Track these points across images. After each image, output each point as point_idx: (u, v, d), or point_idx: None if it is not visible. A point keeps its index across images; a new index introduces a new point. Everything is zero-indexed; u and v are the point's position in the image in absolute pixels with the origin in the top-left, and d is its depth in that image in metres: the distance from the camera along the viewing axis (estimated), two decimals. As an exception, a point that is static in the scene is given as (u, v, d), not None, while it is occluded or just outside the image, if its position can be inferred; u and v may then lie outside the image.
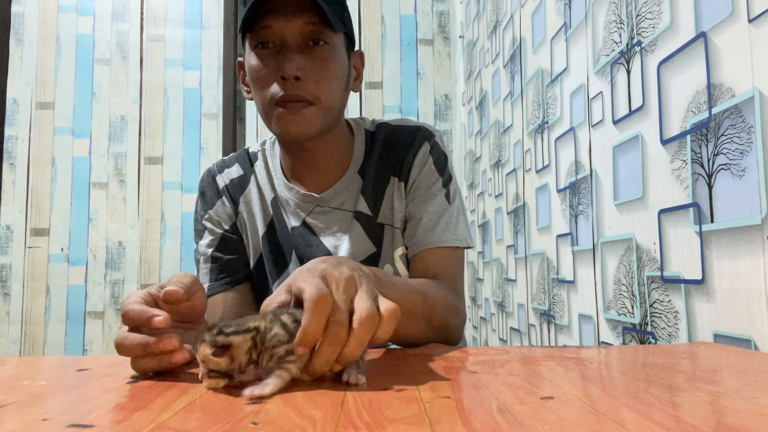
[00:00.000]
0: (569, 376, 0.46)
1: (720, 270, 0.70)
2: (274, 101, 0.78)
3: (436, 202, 0.87)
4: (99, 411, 0.36)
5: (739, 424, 0.31)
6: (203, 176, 0.98)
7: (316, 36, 0.79)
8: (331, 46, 0.80)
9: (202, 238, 0.94)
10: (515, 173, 1.68)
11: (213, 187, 0.95)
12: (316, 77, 0.78)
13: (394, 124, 0.93)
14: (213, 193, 0.95)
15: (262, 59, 0.79)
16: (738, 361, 0.53)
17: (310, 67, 0.78)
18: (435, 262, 0.85)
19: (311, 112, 0.79)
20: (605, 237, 1.03)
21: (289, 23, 0.77)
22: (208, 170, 0.98)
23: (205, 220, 0.94)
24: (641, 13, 0.90)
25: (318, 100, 0.79)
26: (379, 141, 0.91)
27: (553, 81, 1.32)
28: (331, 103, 0.81)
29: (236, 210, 0.94)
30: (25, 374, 0.50)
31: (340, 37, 0.83)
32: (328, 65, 0.80)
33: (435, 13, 2.71)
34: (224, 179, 0.95)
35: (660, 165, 0.83)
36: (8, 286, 2.57)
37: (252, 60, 0.81)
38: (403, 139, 0.91)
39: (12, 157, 2.61)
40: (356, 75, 0.90)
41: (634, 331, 0.92)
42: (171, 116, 2.66)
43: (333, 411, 0.35)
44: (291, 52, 0.77)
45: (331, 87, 0.80)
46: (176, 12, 2.71)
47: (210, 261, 0.92)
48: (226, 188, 0.95)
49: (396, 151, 0.90)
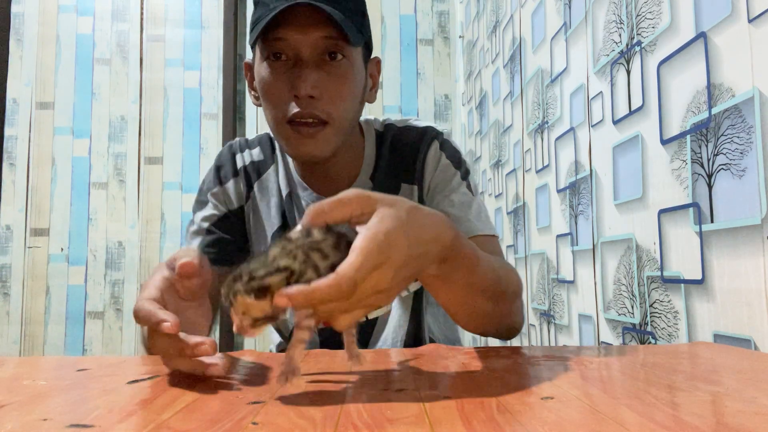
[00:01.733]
0: (569, 376, 0.46)
1: (720, 270, 0.70)
2: (286, 120, 0.74)
3: (459, 194, 0.83)
4: (99, 411, 0.36)
5: (739, 424, 0.31)
6: (223, 150, 0.94)
7: (333, 50, 0.74)
8: (349, 60, 0.76)
9: (201, 210, 0.90)
10: (515, 173, 1.68)
11: (231, 164, 0.91)
12: (332, 95, 0.74)
13: (401, 126, 0.90)
14: (229, 170, 0.91)
15: (274, 73, 0.75)
16: (738, 361, 0.53)
17: (326, 84, 0.74)
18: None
19: (325, 134, 0.75)
20: (605, 237, 1.03)
21: (306, 37, 0.72)
22: (230, 146, 0.94)
23: (212, 195, 0.90)
24: (641, 13, 0.90)
25: (332, 119, 0.75)
26: (387, 145, 0.88)
27: (553, 81, 1.32)
28: (345, 121, 0.77)
29: (249, 194, 0.90)
30: (25, 374, 0.50)
31: (359, 49, 0.78)
32: (345, 82, 0.75)
33: (435, 13, 2.71)
34: (244, 159, 0.91)
35: (660, 165, 0.83)
36: (8, 286, 2.57)
37: (263, 71, 0.76)
38: (410, 142, 0.87)
39: (12, 157, 2.61)
40: (372, 84, 0.86)
41: (634, 331, 0.92)
42: (171, 116, 2.65)
43: (333, 411, 0.35)
44: (306, 68, 0.73)
45: (347, 104, 0.76)
46: (176, 12, 2.70)
47: (203, 234, 0.88)
48: (245, 169, 0.91)
49: (404, 155, 0.87)
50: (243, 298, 0.39)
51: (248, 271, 0.40)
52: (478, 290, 0.58)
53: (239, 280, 0.39)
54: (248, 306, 0.39)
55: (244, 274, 0.39)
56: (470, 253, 0.54)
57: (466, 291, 0.56)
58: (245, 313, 0.40)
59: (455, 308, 0.59)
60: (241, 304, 0.39)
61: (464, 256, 0.53)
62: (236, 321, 0.40)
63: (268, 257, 0.41)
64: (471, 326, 0.64)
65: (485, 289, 0.59)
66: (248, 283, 0.39)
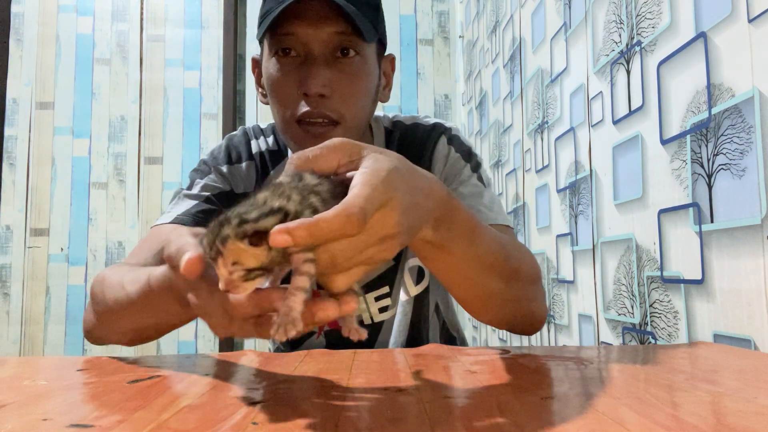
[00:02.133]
0: (569, 376, 0.46)
1: (720, 270, 0.70)
2: (294, 119, 0.70)
3: (470, 185, 0.79)
4: (99, 411, 0.36)
5: (739, 424, 0.31)
6: (236, 134, 0.87)
7: (345, 46, 0.70)
8: (362, 57, 0.71)
9: (203, 179, 0.81)
10: (515, 173, 1.68)
11: (245, 148, 0.85)
12: (344, 94, 0.70)
13: (409, 123, 0.87)
14: (243, 153, 0.84)
15: (283, 69, 0.71)
16: (738, 361, 0.53)
17: (338, 82, 0.69)
18: None
19: (335, 135, 0.68)
20: (605, 237, 1.03)
21: (317, 32, 0.68)
22: (244, 131, 0.87)
23: (216, 172, 0.82)
24: (641, 13, 0.90)
25: (343, 118, 0.70)
26: (395, 143, 0.84)
27: (553, 81, 1.32)
28: (357, 121, 0.73)
29: (262, 183, 0.82)
30: (25, 374, 0.50)
31: (372, 45, 0.74)
32: (358, 80, 0.71)
33: (435, 13, 2.71)
34: (259, 146, 0.85)
35: (660, 165, 0.83)
36: (8, 286, 2.57)
37: (271, 68, 0.72)
38: (418, 139, 0.84)
39: (12, 157, 2.61)
40: (386, 83, 0.81)
41: (634, 331, 0.92)
42: (171, 116, 2.65)
43: (333, 411, 0.35)
44: (316, 65, 0.69)
45: (359, 103, 0.72)
46: (176, 12, 2.70)
47: (201, 200, 0.78)
48: (260, 155, 0.84)
49: (412, 153, 0.82)
50: (235, 243, 0.33)
51: (237, 213, 0.34)
52: (484, 266, 0.54)
53: (227, 225, 0.34)
54: (240, 253, 0.33)
55: (232, 217, 0.34)
56: (468, 217, 0.51)
57: (468, 265, 0.52)
58: (236, 264, 0.34)
59: (460, 289, 0.55)
60: (232, 251, 0.33)
61: (462, 220, 0.49)
62: (224, 274, 0.34)
63: (257, 200, 0.35)
64: (484, 313, 0.59)
65: (492, 264, 0.54)
66: (239, 226, 0.33)
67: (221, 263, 0.34)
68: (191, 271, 0.36)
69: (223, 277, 0.34)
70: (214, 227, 0.34)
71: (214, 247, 0.34)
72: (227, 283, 0.34)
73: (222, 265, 0.34)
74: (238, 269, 0.34)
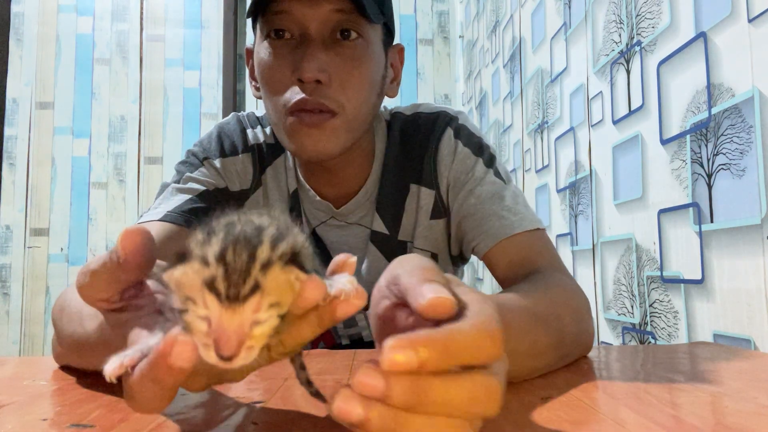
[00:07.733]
0: (569, 376, 0.46)
1: (720, 270, 0.70)
2: (287, 109, 0.61)
3: (486, 184, 0.69)
4: (99, 411, 0.36)
5: (739, 424, 0.31)
6: (228, 120, 0.76)
7: (346, 26, 0.61)
8: (365, 41, 0.63)
9: (193, 172, 0.71)
10: (515, 173, 1.68)
11: (240, 138, 0.74)
12: (343, 81, 0.61)
13: (409, 113, 0.76)
14: (238, 143, 0.74)
15: (275, 53, 0.62)
16: (738, 361, 0.53)
17: (336, 67, 0.61)
18: (521, 251, 0.64)
19: (333, 125, 0.61)
20: (605, 237, 1.03)
21: (313, 9, 0.60)
22: (237, 118, 0.76)
23: (208, 165, 0.72)
24: (641, 13, 0.90)
25: (343, 109, 0.62)
26: (395, 139, 0.74)
27: (553, 81, 1.32)
28: (358, 114, 0.63)
29: (259, 180, 0.74)
30: (25, 374, 0.50)
31: (378, 29, 0.65)
32: (360, 66, 0.62)
33: (435, 13, 2.71)
34: (256, 137, 0.75)
35: (660, 165, 0.83)
36: (8, 286, 2.57)
37: (263, 52, 0.63)
38: (420, 132, 0.73)
39: (12, 157, 2.61)
40: (393, 76, 0.72)
41: (634, 331, 0.92)
42: (171, 116, 2.65)
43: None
44: (313, 47, 0.60)
45: (361, 94, 0.63)
46: (176, 12, 2.70)
47: (193, 195, 0.69)
48: (256, 147, 0.74)
49: (413, 149, 0.73)
50: (285, 272, 0.23)
51: (258, 227, 0.23)
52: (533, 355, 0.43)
53: (252, 242, 0.22)
54: (284, 291, 0.23)
55: (252, 236, 0.23)
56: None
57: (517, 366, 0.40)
58: (273, 306, 0.23)
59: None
60: (276, 285, 0.22)
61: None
62: (242, 326, 0.22)
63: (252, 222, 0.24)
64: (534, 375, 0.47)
65: (535, 355, 0.44)
66: (275, 247, 0.23)
67: (248, 307, 0.22)
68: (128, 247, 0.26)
69: (235, 331, 0.22)
70: (237, 245, 0.22)
71: (249, 277, 0.22)
72: (238, 343, 0.22)
73: (250, 309, 0.22)
74: (273, 316, 0.22)
